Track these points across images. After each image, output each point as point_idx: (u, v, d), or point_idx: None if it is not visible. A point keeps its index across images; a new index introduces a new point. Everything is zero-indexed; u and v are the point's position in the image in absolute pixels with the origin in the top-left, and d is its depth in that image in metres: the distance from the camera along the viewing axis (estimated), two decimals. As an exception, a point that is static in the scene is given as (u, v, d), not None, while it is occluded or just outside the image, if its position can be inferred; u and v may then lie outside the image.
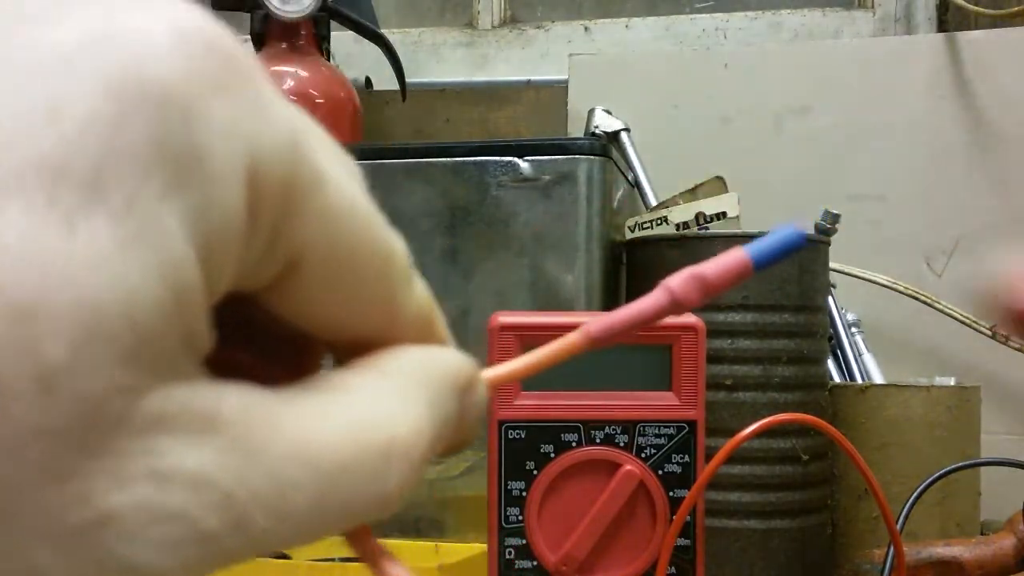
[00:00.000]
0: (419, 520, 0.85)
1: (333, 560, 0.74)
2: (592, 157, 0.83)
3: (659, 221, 0.87)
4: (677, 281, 0.23)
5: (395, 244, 0.19)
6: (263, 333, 0.19)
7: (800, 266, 0.75)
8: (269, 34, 1.04)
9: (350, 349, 0.19)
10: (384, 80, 1.23)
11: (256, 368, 0.19)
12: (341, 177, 0.17)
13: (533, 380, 0.49)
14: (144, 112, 0.14)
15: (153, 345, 0.14)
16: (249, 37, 1.07)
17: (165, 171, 0.14)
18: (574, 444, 0.49)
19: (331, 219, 0.17)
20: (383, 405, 0.17)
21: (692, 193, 0.90)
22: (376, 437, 0.17)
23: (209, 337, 0.15)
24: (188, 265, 0.14)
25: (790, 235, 0.23)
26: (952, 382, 0.83)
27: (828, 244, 0.81)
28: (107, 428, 0.13)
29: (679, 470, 0.49)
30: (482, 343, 0.49)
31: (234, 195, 0.15)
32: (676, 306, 0.22)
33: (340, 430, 0.16)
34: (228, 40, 0.15)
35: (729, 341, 0.73)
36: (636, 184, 1.01)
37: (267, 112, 0.15)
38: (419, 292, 0.20)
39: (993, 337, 0.96)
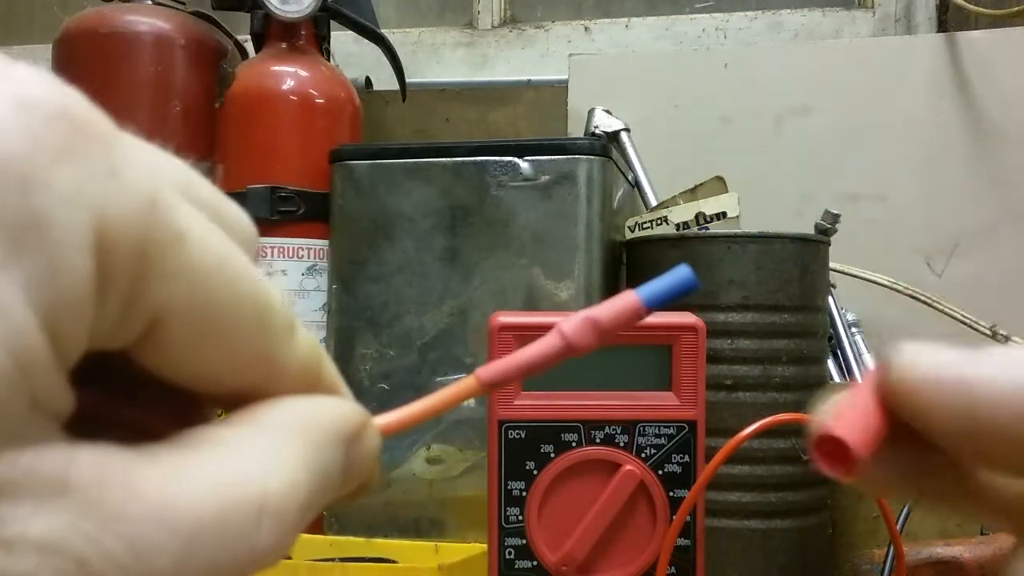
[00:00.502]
0: (419, 520, 0.85)
1: (333, 560, 0.74)
2: (592, 157, 0.83)
3: (659, 221, 0.87)
4: (570, 325, 0.23)
5: (271, 297, 0.18)
6: (149, 387, 0.19)
7: (800, 266, 0.75)
8: (269, 34, 1.04)
9: (233, 402, 0.19)
10: (384, 80, 1.23)
11: (146, 422, 0.19)
12: (206, 234, 0.17)
13: (533, 380, 0.49)
14: None
15: None
16: (249, 37, 1.07)
17: (3, 242, 0.14)
18: (574, 444, 0.49)
19: (193, 277, 0.16)
20: (255, 458, 0.17)
21: (692, 193, 0.90)
22: (245, 493, 0.16)
23: (67, 398, 0.15)
24: (30, 331, 0.14)
25: (681, 277, 0.23)
26: (952, 382, 0.82)
27: (828, 244, 0.81)
28: None
29: (679, 470, 0.49)
30: (482, 342, 0.49)
31: (79, 260, 0.15)
32: (569, 349, 0.23)
33: (205, 487, 0.16)
34: (77, 107, 0.15)
35: (729, 341, 0.73)
36: (636, 184, 1.01)
37: (118, 175, 0.15)
38: (303, 343, 0.19)
39: (993, 337, 0.96)
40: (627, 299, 0.23)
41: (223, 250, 0.17)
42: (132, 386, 0.19)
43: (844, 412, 0.22)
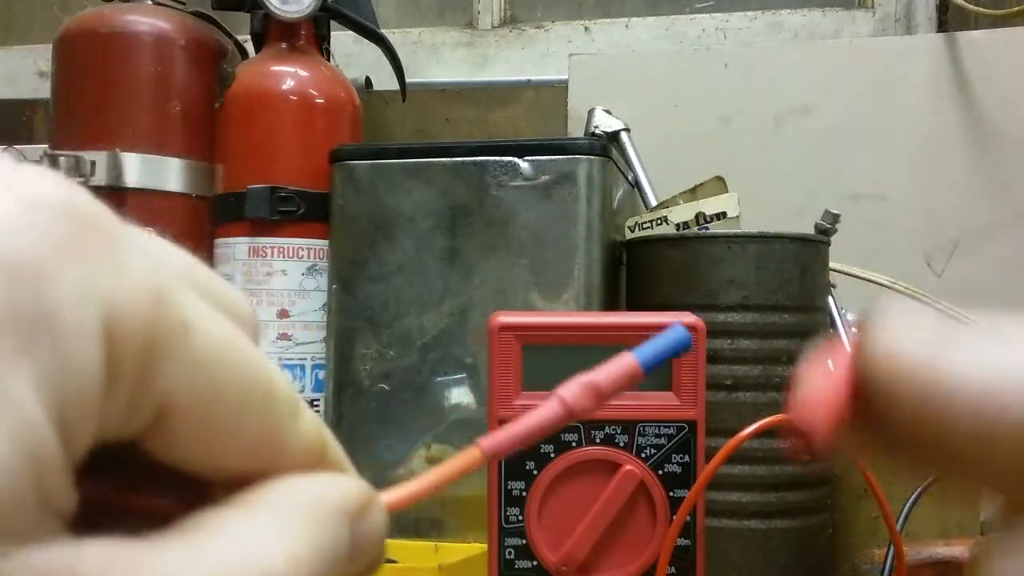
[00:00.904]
0: (419, 520, 0.85)
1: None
2: (592, 157, 0.83)
3: (659, 221, 0.87)
4: (570, 391, 0.23)
5: (276, 381, 0.19)
6: (155, 471, 0.19)
7: (800, 266, 0.75)
8: (269, 34, 1.04)
9: (238, 482, 0.19)
10: (384, 80, 1.23)
11: (151, 508, 0.19)
12: (211, 322, 0.17)
13: (533, 380, 0.49)
14: None
15: (3, 512, 0.14)
16: (249, 37, 1.07)
17: (15, 337, 0.14)
18: (574, 444, 0.49)
19: (199, 367, 0.17)
20: (257, 540, 0.17)
21: (692, 193, 0.90)
22: (250, 575, 0.16)
23: (71, 495, 0.15)
24: (41, 427, 0.14)
25: (676, 338, 0.23)
26: (952, 382, 0.82)
27: (828, 244, 0.81)
28: None
29: (679, 470, 0.49)
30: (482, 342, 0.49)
31: (89, 355, 0.15)
32: (570, 415, 0.23)
33: (210, 574, 0.16)
34: (83, 204, 0.16)
35: (729, 341, 0.73)
36: (636, 184, 1.01)
37: (125, 269, 0.16)
38: (307, 424, 0.20)
39: (993, 337, 0.96)
40: (624, 361, 0.23)
41: (228, 337, 0.18)
42: (138, 472, 0.19)
43: (813, 390, 0.22)
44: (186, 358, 0.16)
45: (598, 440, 0.49)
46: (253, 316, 0.20)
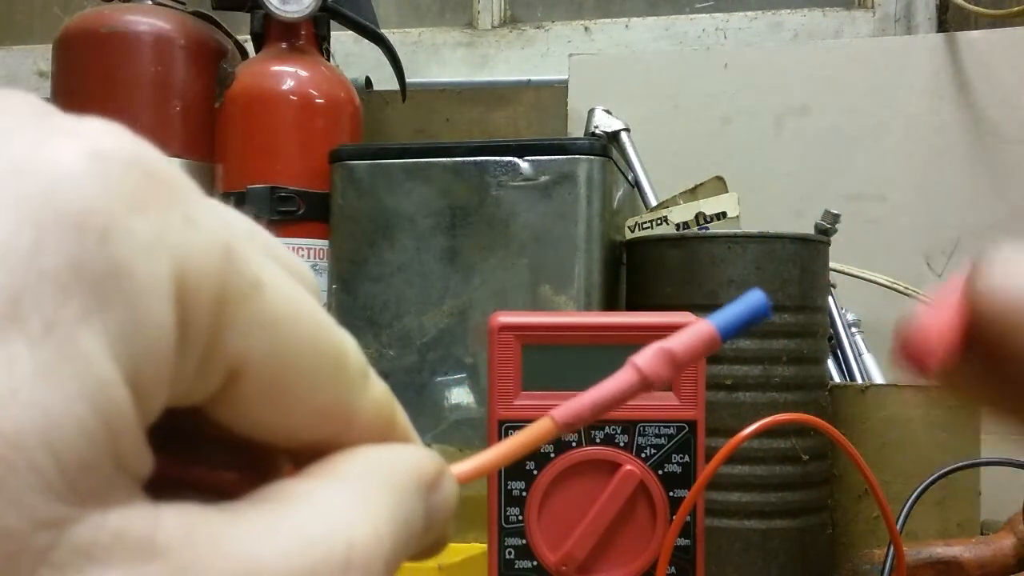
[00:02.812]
0: (419, 520, 0.85)
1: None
2: (592, 157, 0.83)
3: (659, 221, 0.87)
4: (645, 358, 0.22)
5: (346, 345, 0.18)
6: (217, 444, 0.18)
7: (800, 266, 0.75)
8: (269, 34, 1.04)
9: (308, 453, 0.18)
10: (384, 80, 1.23)
11: (212, 481, 0.19)
12: (281, 282, 0.17)
13: (533, 380, 0.49)
14: (59, 236, 0.13)
15: (79, 473, 0.13)
16: (249, 37, 1.07)
17: (85, 293, 0.14)
18: (574, 444, 0.49)
19: (270, 326, 0.16)
20: (338, 511, 0.17)
21: (692, 193, 0.90)
22: (331, 547, 0.16)
23: (147, 458, 0.15)
24: (114, 386, 0.14)
25: (755, 304, 0.22)
26: (952, 382, 0.82)
27: (828, 244, 0.81)
28: (32, 564, 0.13)
29: (679, 470, 0.49)
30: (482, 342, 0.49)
31: (161, 311, 0.14)
32: (645, 384, 0.22)
33: (291, 544, 0.15)
34: (150, 158, 0.15)
35: (729, 341, 0.73)
36: (636, 184, 1.01)
37: (194, 224, 0.15)
38: (376, 389, 0.19)
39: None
40: (702, 328, 0.22)
41: (298, 297, 0.17)
42: (196, 445, 0.18)
43: (929, 317, 0.22)
44: (258, 317, 0.16)
45: (598, 440, 0.49)
46: (316, 282, 0.19)
